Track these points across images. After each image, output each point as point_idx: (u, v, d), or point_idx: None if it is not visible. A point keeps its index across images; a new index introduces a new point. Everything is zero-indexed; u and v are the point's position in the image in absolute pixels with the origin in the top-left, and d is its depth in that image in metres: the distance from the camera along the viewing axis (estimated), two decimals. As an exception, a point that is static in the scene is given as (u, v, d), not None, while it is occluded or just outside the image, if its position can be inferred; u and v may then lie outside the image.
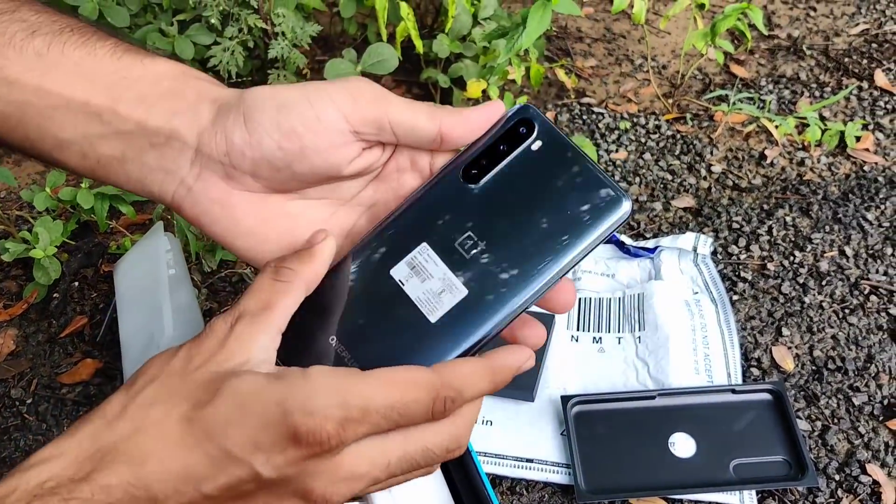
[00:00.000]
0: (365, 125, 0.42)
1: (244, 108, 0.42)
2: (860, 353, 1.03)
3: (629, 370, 1.00)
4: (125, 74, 0.44)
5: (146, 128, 0.43)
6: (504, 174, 0.43)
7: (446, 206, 0.43)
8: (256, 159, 0.42)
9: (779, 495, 0.89)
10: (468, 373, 0.40)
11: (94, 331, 1.11)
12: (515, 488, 0.91)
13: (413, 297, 0.42)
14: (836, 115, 1.43)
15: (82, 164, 0.45)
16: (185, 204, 0.44)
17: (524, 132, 0.43)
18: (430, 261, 0.42)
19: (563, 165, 0.42)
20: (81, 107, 0.43)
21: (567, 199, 0.42)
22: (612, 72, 1.57)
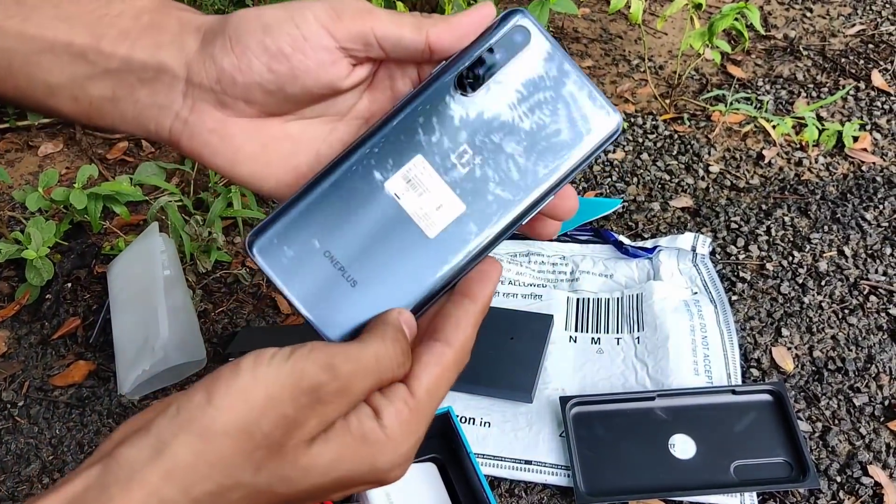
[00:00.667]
0: (351, 41, 0.41)
1: (230, 32, 0.41)
2: (860, 353, 1.03)
3: (628, 371, 1.00)
4: (105, 12, 0.43)
5: (132, 63, 0.42)
6: (498, 84, 0.41)
7: (440, 116, 0.41)
8: (248, 84, 0.41)
9: (780, 497, 0.88)
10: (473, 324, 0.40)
11: (87, 332, 1.09)
12: (514, 490, 0.90)
13: (410, 211, 0.41)
14: (834, 115, 1.43)
15: (75, 108, 0.44)
16: (182, 138, 0.43)
17: (519, 39, 0.42)
18: (426, 174, 0.41)
19: (557, 77, 0.41)
20: (65, 48, 0.42)
21: (561, 112, 0.41)
22: (608, 72, 1.56)
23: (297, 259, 0.41)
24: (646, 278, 1.11)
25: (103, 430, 0.98)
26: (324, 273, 0.41)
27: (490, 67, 0.41)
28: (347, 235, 0.41)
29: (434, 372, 0.39)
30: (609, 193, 1.28)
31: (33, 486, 0.93)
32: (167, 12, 0.43)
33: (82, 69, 0.43)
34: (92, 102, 0.43)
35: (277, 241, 0.41)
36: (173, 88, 0.42)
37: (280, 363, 0.35)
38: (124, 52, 0.42)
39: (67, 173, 1.35)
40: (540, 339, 1.02)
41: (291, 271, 0.41)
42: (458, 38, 0.41)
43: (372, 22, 0.40)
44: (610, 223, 1.23)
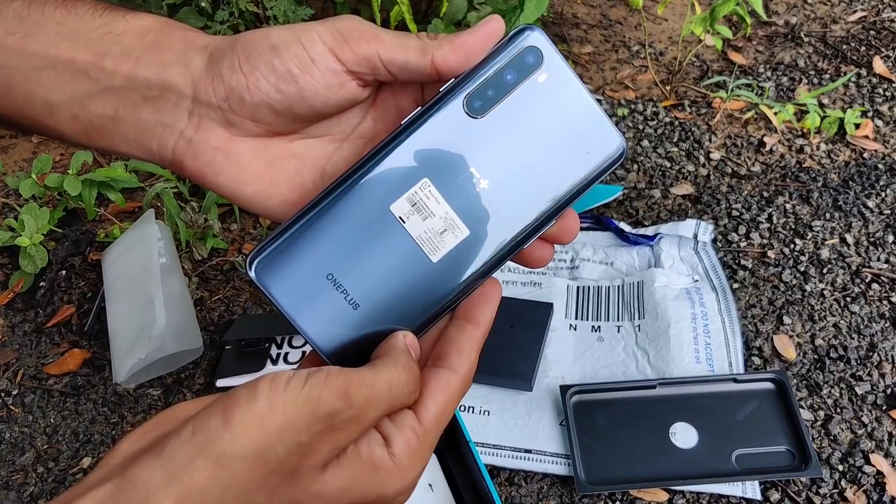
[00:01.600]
0: (358, 65, 0.40)
1: (238, 52, 0.41)
2: (862, 341, 1.02)
3: (629, 359, 0.99)
4: (108, 30, 0.42)
5: (136, 81, 0.42)
6: (509, 107, 0.40)
7: (448, 138, 0.40)
8: (256, 103, 0.41)
9: (782, 486, 0.87)
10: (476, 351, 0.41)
11: (82, 320, 1.08)
12: (514, 479, 0.89)
13: (414, 235, 0.41)
14: (835, 102, 1.41)
15: (75, 127, 0.43)
16: (186, 157, 0.42)
17: (532, 61, 0.40)
18: (432, 198, 0.40)
19: (567, 100, 0.41)
20: (67, 65, 0.42)
21: (569, 136, 0.41)
22: (608, 58, 1.55)
23: (298, 281, 0.41)
24: (647, 266, 1.10)
25: (98, 418, 0.97)
26: (326, 295, 0.40)
27: (501, 90, 0.41)
28: (350, 258, 0.41)
29: (441, 400, 0.39)
30: (609, 181, 1.27)
31: (27, 475, 0.92)
32: (171, 31, 0.43)
33: (84, 87, 0.42)
34: (92, 121, 0.43)
35: (279, 263, 0.41)
36: (179, 106, 0.42)
37: (297, 389, 0.35)
38: (128, 70, 0.42)
39: (61, 159, 1.33)
40: (540, 328, 1.01)
41: (293, 293, 0.41)
42: (466, 59, 0.41)
43: (377, 46, 0.40)
44: (610, 210, 1.22)
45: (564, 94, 0.41)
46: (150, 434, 0.36)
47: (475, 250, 0.41)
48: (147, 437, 0.36)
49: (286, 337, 1.03)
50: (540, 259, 0.43)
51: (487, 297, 0.42)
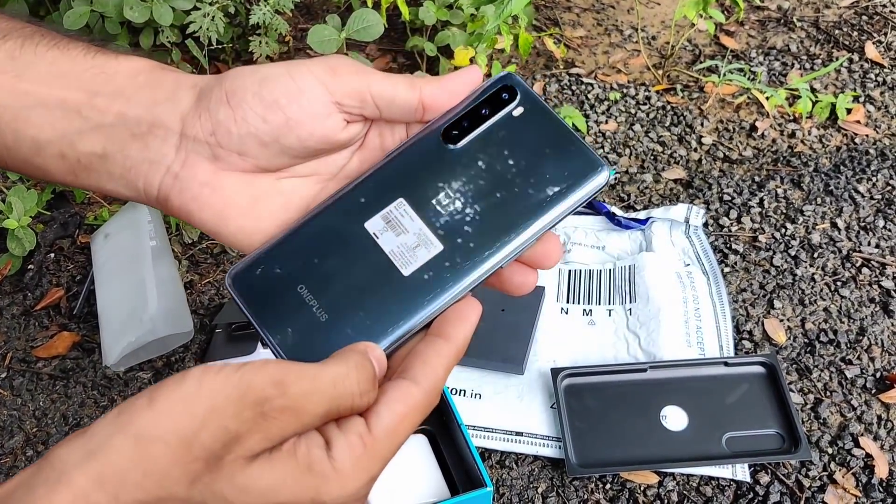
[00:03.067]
0: (347, 97, 0.41)
1: (226, 86, 0.41)
2: (852, 325, 1.02)
3: (620, 342, 0.99)
4: (101, 70, 0.43)
5: (126, 119, 0.42)
6: (484, 137, 0.42)
7: (424, 163, 0.42)
8: (243, 135, 0.41)
9: (771, 468, 0.88)
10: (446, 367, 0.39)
11: (71, 303, 1.08)
12: (505, 462, 0.89)
13: (387, 249, 0.41)
14: (827, 87, 1.41)
15: (61, 166, 0.43)
16: (172, 192, 0.43)
17: (506, 98, 0.43)
18: (406, 216, 0.42)
19: (543, 132, 0.42)
20: (59, 104, 0.42)
21: (545, 165, 0.42)
22: (601, 42, 1.54)
23: (269, 292, 0.41)
24: (638, 250, 1.10)
25: (87, 401, 0.97)
26: (295, 307, 0.41)
27: (476, 121, 0.43)
28: (322, 271, 0.41)
29: (397, 410, 0.37)
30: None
31: (16, 459, 0.92)
32: (162, 72, 0.43)
33: (74, 124, 0.42)
34: (80, 159, 0.43)
35: (252, 275, 0.42)
36: (166, 142, 0.42)
37: (228, 374, 0.34)
38: (119, 108, 0.42)
39: (50, 142, 1.32)
40: (531, 311, 1.01)
41: (265, 307, 0.41)
42: (450, 97, 0.42)
43: (368, 80, 0.41)
44: (602, 194, 1.21)
45: (541, 126, 0.42)
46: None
47: (449, 266, 0.41)
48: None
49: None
50: (521, 285, 0.43)
51: (463, 315, 0.40)
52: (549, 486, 0.87)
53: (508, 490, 0.87)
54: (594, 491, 0.87)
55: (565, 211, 0.42)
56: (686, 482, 0.87)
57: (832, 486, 0.87)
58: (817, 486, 0.87)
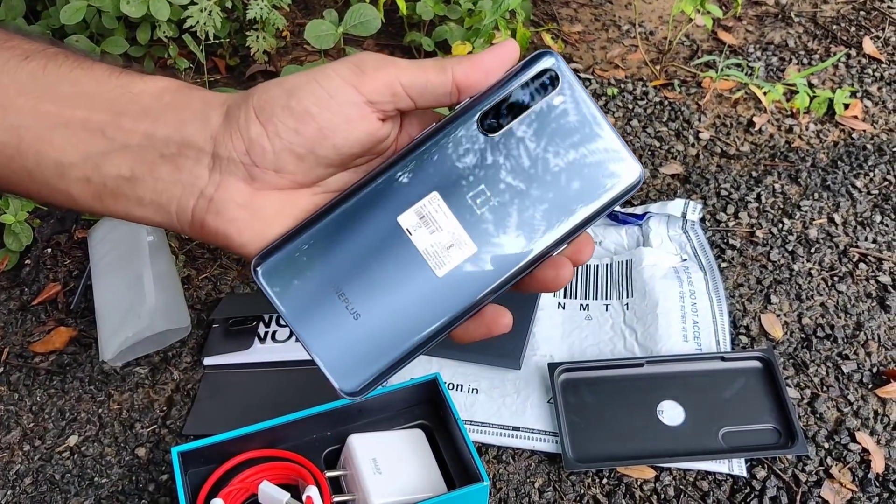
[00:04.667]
0: (377, 93, 0.40)
1: (253, 103, 0.40)
2: (849, 320, 1.02)
3: (616, 337, 0.99)
4: (126, 90, 0.41)
5: (154, 139, 0.41)
6: (522, 127, 0.40)
7: (460, 154, 0.40)
8: (277, 151, 0.40)
9: (768, 463, 0.88)
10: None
11: (68, 298, 1.08)
12: (502, 457, 0.90)
13: (420, 248, 0.40)
14: (825, 82, 1.41)
15: (86, 190, 0.42)
16: (207, 216, 0.41)
17: (547, 83, 0.40)
18: (441, 211, 0.40)
19: (582, 124, 0.40)
20: (82, 124, 0.41)
21: (583, 161, 0.40)
22: (598, 37, 1.54)
23: (300, 287, 0.40)
24: (635, 245, 1.10)
25: (84, 396, 0.97)
26: (327, 303, 0.40)
27: (515, 109, 0.40)
28: (354, 267, 0.40)
29: None
30: (598, 160, 1.27)
31: (13, 454, 0.92)
32: (189, 92, 0.42)
33: (99, 146, 0.41)
34: (106, 183, 0.41)
35: (283, 268, 0.40)
36: (199, 163, 0.41)
37: None
38: (146, 128, 0.41)
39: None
40: (528, 306, 1.01)
41: (294, 299, 0.40)
42: (485, 76, 0.40)
43: (396, 71, 0.39)
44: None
45: (580, 119, 0.40)
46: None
47: (482, 267, 0.40)
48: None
49: (274, 315, 1.03)
50: (556, 279, 0.41)
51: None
52: (545, 481, 0.87)
53: (505, 485, 0.87)
54: (591, 486, 0.87)
55: (600, 212, 0.41)
56: (683, 477, 0.87)
57: (829, 480, 0.87)
58: (814, 481, 0.87)
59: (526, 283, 0.42)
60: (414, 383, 0.86)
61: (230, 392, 0.96)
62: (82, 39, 1.27)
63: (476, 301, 0.40)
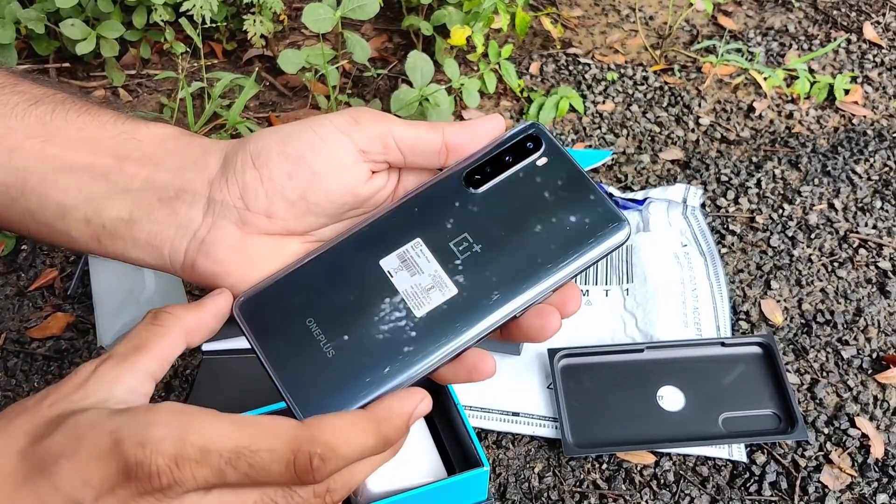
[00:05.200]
0: (370, 143, 0.41)
1: (250, 148, 0.42)
2: (849, 306, 1.02)
3: (616, 323, 0.99)
4: (130, 136, 0.43)
5: (154, 183, 0.42)
6: (506, 184, 0.42)
7: (444, 205, 0.42)
8: (270, 194, 0.41)
9: (768, 448, 0.88)
10: (344, 426, 0.35)
11: (65, 284, 1.07)
12: (501, 442, 0.89)
13: (400, 289, 0.41)
14: (825, 67, 1.41)
15: (86, 231, 0.43)
16: (198, 257, 0.42)
17: (531, 147, 0.43)
18: (423, 256, 0.41)
19: (565, 183, 0.42)
20: (86, 168, 0.42)
21: (566, 217, 0.42)
22: (598, 22, 1.53)
23: (277, 322, 0.41)
24: (635, 230, 1.09)
25: (83, 382, 0.96)
26: (302, 340, 0.40)
27: (499, 168, 0.42)
28: (333, 305, 0.41)
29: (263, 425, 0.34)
30: (598, 145, 1.26)
31: (12, 439, 0.91)
32: (191, 139, 0.44)
33: (101, 189, 0.42)
34: (105, 225, 0.43)
35: (262, 303, 0.41)
36: (193, 207, 0.42)
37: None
38: (147, 174, 0.42)
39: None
40: (528, 292, 1.00)
41: (269, 333, 0.40)
42: (473, 140, 0.42)
43: (389, 125, 0.41)
44: (599, 175, 1.21)
45: (562, 178, 0.42)
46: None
47: (462, 310, 0.40)
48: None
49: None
50: (541, 329, 0.41)
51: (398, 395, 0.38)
52: (545, 466, 0.87)
53: (505, 470, 0.87)
54: (591, 471, 0.87)
55: (584, 265, 0.42)
56: (682, 462, 0.87)
57: (828, 465, 0.87)
58: (813, 466, 0.87)
59: (513, 332, 0.42)
60: (413, 369, 0.85)
61: (229, 377, 0.96)
62: (77, 23, 1.26)
63: (456, 344, 0.40)
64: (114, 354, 0.38)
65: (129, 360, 0.37)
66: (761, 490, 0.85)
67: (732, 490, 0.85)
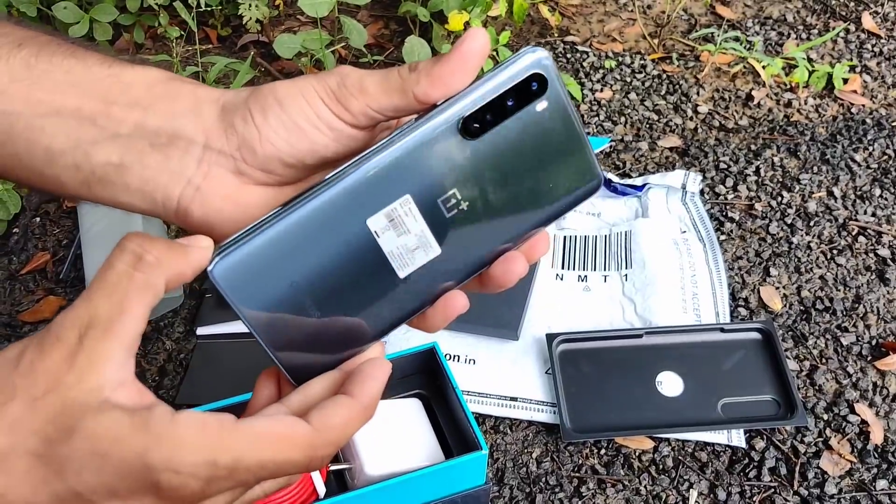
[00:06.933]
0: (355, 119, 0.40)
1: (250, 105, 0.41)
2: (848, 293, 1.02)
3: (615, 309, 0.98)
4: (117, 79, 0.42)
5: (145, 129, 0.41)
6: (502, 132, 0.39)
7: (437, 158, 0.39)
8: (268, 155, 0.41)
9: (767, 434, 0.87)
10: (345, 422, 0.38)
11: (57, 268, 1.06)
12: (500, 427, 0.89)
13: (386, 250, 0.40)
14: (823, 57, 1.40)
15: (75, 177, 0.42)
16: (193, 205, 0.42)
17: (535, 89, 0.39)
18: (411, 215, 0.39)
19: (558, 132, 0.40)
20: (73, 113, 0.41)
21: (552, 168, 0.40)
22: (596, 10, 1.52)
23: (260, 284, 0.39)
24: (634, 216, 1.08)
25: (75, 366, 0.95)
26: (287, 303, 0.39)
27: (499, 115, 0.39)
28: (316, 267, 0.39)
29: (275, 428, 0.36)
30: (596, 133, 1.25)
31: (3, 423, 0.90)
32: (180, 84, 0.43)
33: (89, 133, 0.41)
34: (95, 170, 0.42)
35: (243, 267, 0.39)
36: (188, 154, 0.41)
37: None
38: (136, 118, 0.41)
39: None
40: (526, 278, 0.99)
41: (254, 298, 0.39)
42: (446, 88, 0.39)
43: (365, 100, 0.40)
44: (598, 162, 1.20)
45: (557, 124, 0.39)
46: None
47: (441, 268, 0.40)
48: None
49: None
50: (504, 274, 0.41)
51: (371, 375, 0.39)
52: (543, 451, 0.87)
53: (503, 455, 0.87)
54: (589, 456, 0.86)
55: (556, 216, 0.41)
56: (681, 448, 0.87)
57: (827, 451, 0.86)
58: (812, 452, 0.86)
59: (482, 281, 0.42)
60: (412, 352, 0.84)
61: (223, 361, 0.95)
62: (70, 6, 1.24)
63: (432, 297, 0.41)
64: (96, 319, 0.35)
65: (114, 329, 0.35)
66: (760, 476, 0.84)
67: (731, 476, 0.85)
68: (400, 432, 0.80)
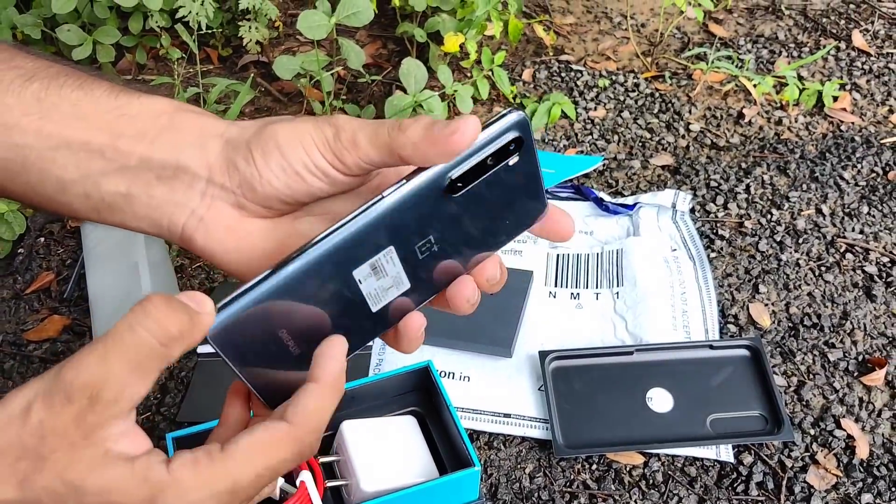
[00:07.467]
0: (349, 170, 0.43)
1: (252, 146, 0.43)
2: (836, 310, 1.04)
3: (607, 326, 1.00)
4: (123, 112, 0.44)
5: (151, 162, 0.43)
6: (480, 186, 0.42)
7: (421, 213, 0.42)
8: (268, 195, 0.43)
9: (755, 449, 0.89)
10: (318, 406, 0.41)
11: (62, 287, 1.08)
12: (493, 443, 0.91)
13: (365, 293, 0.43)
14: (814, 74, 1.43)
15: (86, 204, 0.45)
16: (197, 234, 0.44)
17: (512, 149, 0.42)
18: (391, 262, 0.43)
19: (524, 176, 0.43)
20: (82, 146, 0.43)
21: (514, 208, 0.44)
22: (590, 29, 1.55)
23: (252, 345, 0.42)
24: (626, 234, 1.11)
25: (79, 384, 0.97)
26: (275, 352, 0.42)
27: (480, 173, 0.42)
28: (303, 315, 0.42)
29: (258, 436, 0.39)
30: (590, 151, 1.28)
31: (8, 440, 0.92)
32: (185, 115, 0.45)
33: (98, 166, 0.43)
34: (104, 199, 0.44)
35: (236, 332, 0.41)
36: (192, 187, 0.43)
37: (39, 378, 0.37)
38: (143, 151, 0.43)
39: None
40: (520, 295, 1.02)
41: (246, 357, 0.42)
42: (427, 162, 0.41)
43: (357, 153, 0.42)
44: (590, 181, 1.22)
45: (524, 170, 0.43)
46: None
47: (407, 297, 0.44)
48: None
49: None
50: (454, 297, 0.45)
51: (328, 353, 0.42)
52: (536, 467, 0.89)
53: (496, 470, 0.88)
54: (580, 471, 0.88)
55: (507, 242, 0.45)
56: (671, 463, 0.89)
57: (814, 466, 0.88)
58: (799, 467, 0.88)
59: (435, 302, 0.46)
60: (407, 370, 0.87)
61: (224, 380, 0.96)
62: (74, 29, 1.27)
63: (396, 321, 0.45)
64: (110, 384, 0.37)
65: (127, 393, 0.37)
66: (748, 490, 0.86)
67: (720, 490, 0.86)
68: (395, 449, 0.82)
